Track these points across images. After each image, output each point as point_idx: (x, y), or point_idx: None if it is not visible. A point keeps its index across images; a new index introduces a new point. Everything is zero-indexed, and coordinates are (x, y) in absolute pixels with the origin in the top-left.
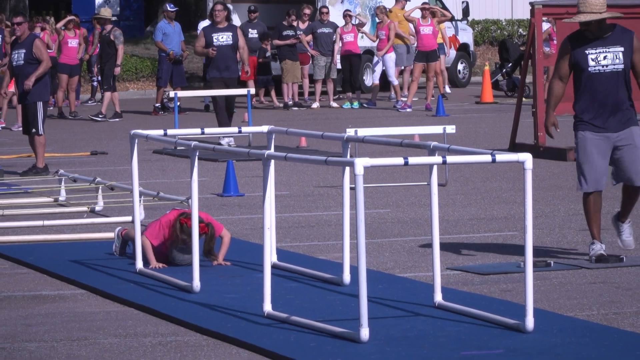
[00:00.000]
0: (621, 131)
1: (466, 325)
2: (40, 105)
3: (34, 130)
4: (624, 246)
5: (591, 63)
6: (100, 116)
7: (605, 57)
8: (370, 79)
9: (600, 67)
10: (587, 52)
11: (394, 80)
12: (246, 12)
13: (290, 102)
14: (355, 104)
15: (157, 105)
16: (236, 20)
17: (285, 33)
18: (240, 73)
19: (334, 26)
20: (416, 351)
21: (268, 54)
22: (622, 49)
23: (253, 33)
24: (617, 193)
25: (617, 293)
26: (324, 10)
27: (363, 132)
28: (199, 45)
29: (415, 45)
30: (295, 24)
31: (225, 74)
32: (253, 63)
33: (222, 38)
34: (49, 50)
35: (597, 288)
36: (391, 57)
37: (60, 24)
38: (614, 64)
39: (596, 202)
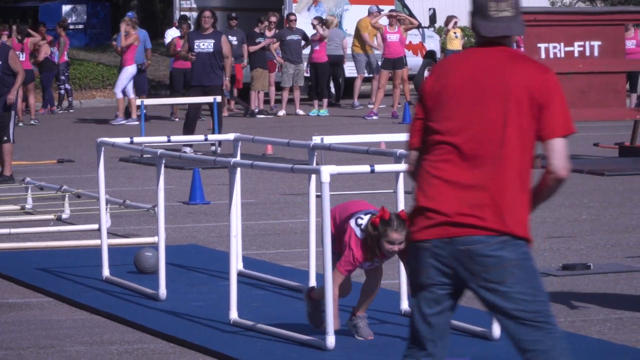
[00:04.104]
0: None
1: None
2: (13, 114)
3: (5, 138)
4: None
5: None
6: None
7: None
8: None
9: None
10: None
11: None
12: (225, 19)
13: (257, 110)
14: (323, 112)
15: (117, 112)
16: None
17: (257, 40)
18: (223, 81)
19: (302, 33)
20: (383, 359)
21: (245, 61)
22: None
23: (233, 40)
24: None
25: (584, 300)
26: (292, 17)
27: (329, 139)
28: (183, 50)
29: (382, 52)
30: (266, 31)
31: (205, 81)
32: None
33: (204, 45)
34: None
35: (564, 295)
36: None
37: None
38: None
39: None
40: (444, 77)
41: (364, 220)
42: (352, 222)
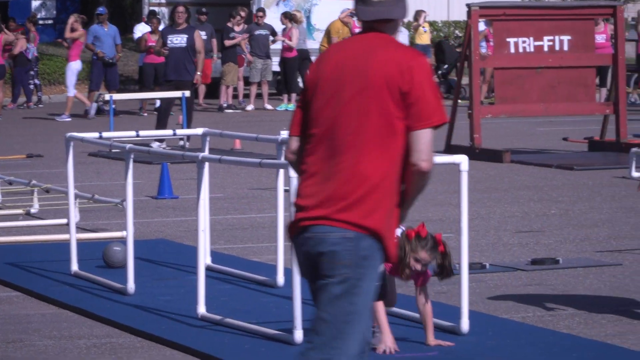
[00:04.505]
0: None
1: (401, 328)
2: None
3: None
4: None
5: None
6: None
7: None
8: None
9: None
10: None
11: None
12: (195, 14)
13: (225, 105)
14: (291, 106)
15: (87, 108)
16: None
17: (231, 35)
18: (194, 76)
19: (270, 28)
20: None
21: (215, 55)
22: None
23: (202, 35)
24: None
25: (553, 295)
26: (260, 13)
27: None
28: (157, 45)
29: None
30: (234, 26)
31: (176, 76)
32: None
33: (176, 40)
34: None
35: (532, 290)
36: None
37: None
38: None
39: None
40: (322, 66)
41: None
42: None
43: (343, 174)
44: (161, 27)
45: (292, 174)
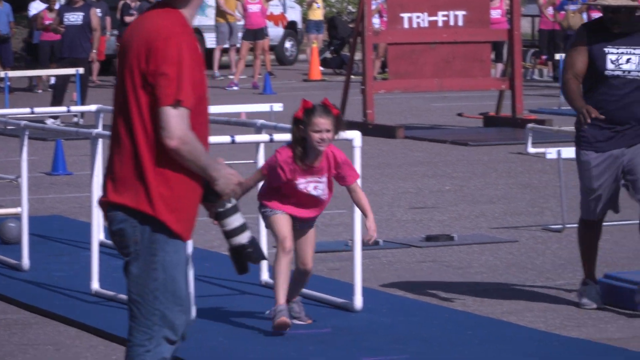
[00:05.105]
0: (635, 148)
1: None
2: None
3: None
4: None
5: (610, 65)
6: None
7: (628, 60)
8: None
9: (621, 72)
10: (606, 49)
11: None
12: None
13: None
14: None
15: None
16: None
17: (131, 12)
18: (89, 53)
19: None
20: (242, 329)
21: (108, 33)
22: None
23: (97, 12)
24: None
25: (448, 272)
26: None
27: None
28: (55, 22)
29: (243, 23)
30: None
31: (71, 53)
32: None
33: (72, 18)
34: None
35: (427, 267)
36: None
37: None
38: (638, 70)
39: (592, 235)
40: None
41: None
42: None
43: (113, 157)
44: (57, 6)
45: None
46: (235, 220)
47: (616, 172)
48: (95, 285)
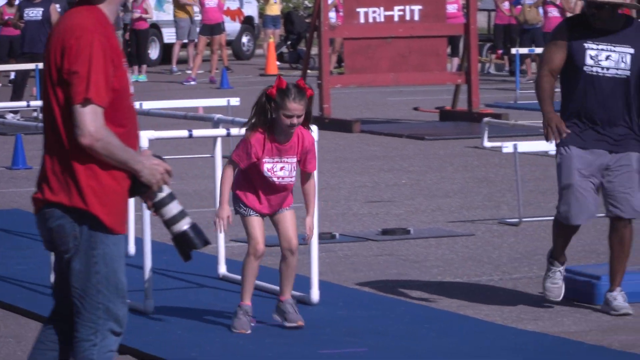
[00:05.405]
0: (616, 152)
1: (257, 299)
2: None
3: None
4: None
5: (589, 61)
6: None
7: (607, 57)
8: (155, 52)
9: (600, 69)
10: (586, 45)
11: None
12: None
13: None
14: (141, 77)
15: None
16: None
17: None
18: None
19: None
20: (200, 322)
21: None
22: (632, 50)
23: (57, 8)
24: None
25: (404, 265)
26: None
27: (148, 105)
28: (15, 18)
29: (200, 18)
30: None
31: (31, 48)
32: None
33: (32, 13)
34: None
35: (383, 260)
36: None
37: None
38: (617, 68)
39: (569, 233)
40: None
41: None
42: None
43: (45, 155)
44: (17, 1)
45: (144, 144)
46: (172, 209)
47: (598, 172)
48: (54, 277)
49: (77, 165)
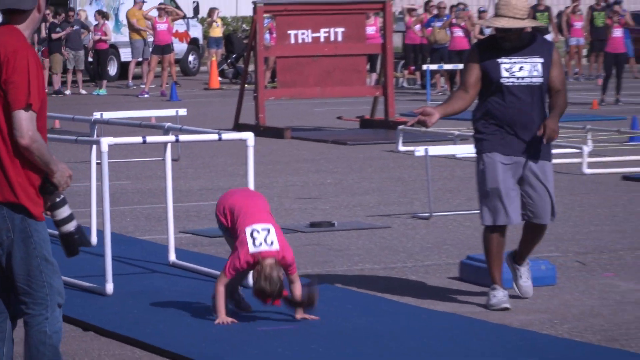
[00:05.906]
0: (533, 162)
1: (197, 281)
2: None
3: None
4: (521, 293)
5: (504, 74)
6: None
7: (521, 68)
8: (114, 69)
9: (515, 79)
10: (499, 60)
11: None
12: None
13: (60, 89)
14: (102, 91)
15: None
16: None
17: (57, 30)
18: None
19: (80, 24)
20: (154, 304)
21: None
22: (541, 60)
23: None
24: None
25: (330, 254)
26: (70, 13)
27: (108, 115)
28: None
29: (152, 39)
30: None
31: None
32: None
33: None
34: None
35: (311, 250)
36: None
37: None
38: (531, 77)
39: (500, 241)
40: None
41: (259, 236)
42: (247, 232)
43: None
44: None
45: (104, 149)
46: (64, 212)
47: (519, 175)
48: None
49: (7, 162)
